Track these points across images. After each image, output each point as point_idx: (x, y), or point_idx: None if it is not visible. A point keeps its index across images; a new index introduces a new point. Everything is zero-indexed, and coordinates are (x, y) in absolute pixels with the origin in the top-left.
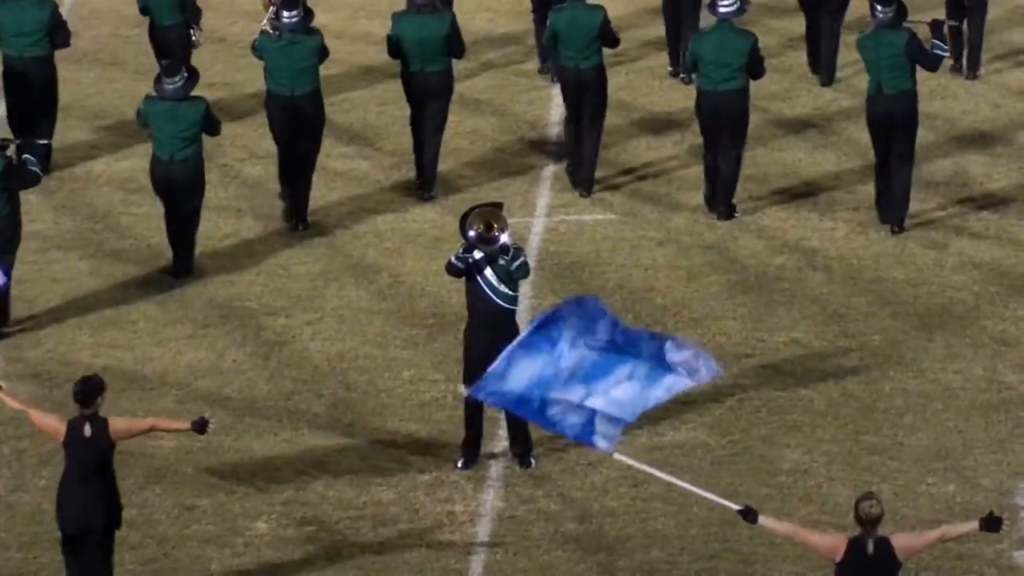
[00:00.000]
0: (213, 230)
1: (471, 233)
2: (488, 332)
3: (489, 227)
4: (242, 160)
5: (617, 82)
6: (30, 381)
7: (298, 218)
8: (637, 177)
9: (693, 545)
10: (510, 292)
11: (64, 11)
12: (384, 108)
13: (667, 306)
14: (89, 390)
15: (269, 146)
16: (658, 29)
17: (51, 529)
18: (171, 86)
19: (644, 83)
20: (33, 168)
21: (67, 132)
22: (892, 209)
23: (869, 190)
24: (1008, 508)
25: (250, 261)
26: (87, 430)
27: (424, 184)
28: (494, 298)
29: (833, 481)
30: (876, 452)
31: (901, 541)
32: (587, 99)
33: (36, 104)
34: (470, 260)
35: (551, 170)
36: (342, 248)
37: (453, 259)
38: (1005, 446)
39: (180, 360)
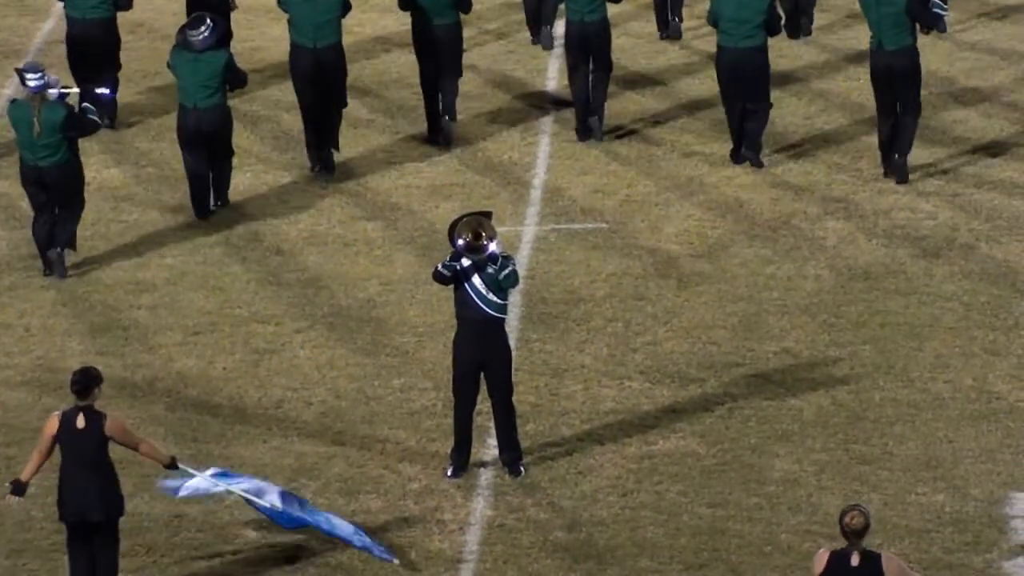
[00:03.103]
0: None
1: (459, 242)
2: (477, 340)
3: (477, 236)
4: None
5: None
6: (20, 388)
7: (324, 167)
8: (627, 184)
9: (682, 554)
10: (499, 300)
11: None
12: (374, 114)
13: (657, 315)
14: (88, 380)
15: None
16: None
17: (40, 536)
18: (194, 38)
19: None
20: (92, 116)
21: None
22: (898, 158)
23: (859, 199)
24: (998, 518)
25: (240, 268)
26: (80, 421)
27: (440, 133)
28: (482, 306)
29: (823, 490)
30: (866, 462)
31: (891, 565)
32: (592, 53)
33: (98, 65)
34: (457, 268)
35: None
36: (332, 255)
37: (440, 267)
38: (995, 456)
39: (170, 367)
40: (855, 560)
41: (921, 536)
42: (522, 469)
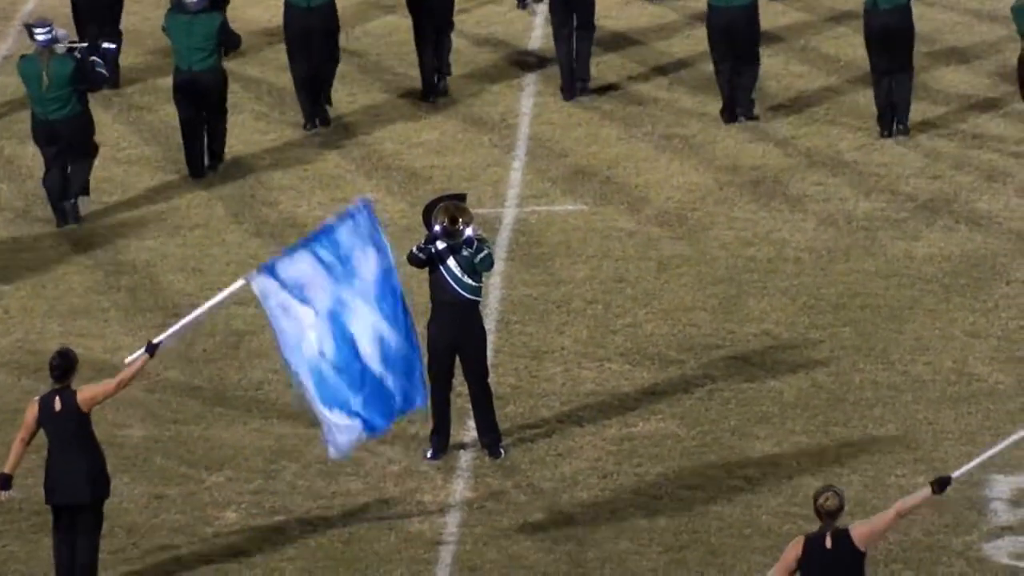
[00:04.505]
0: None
1: (436, 227)
2: (452, 323)
3: (454, 220)
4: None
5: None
6: None
7: (319, 119)
8: (607, 166)
9: (662, 536)
10: (474, 283)
11: None
12: (354, 98)
13: (637, 297)
14: (68, 364)
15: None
16: None
17: (20, 517)
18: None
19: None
20: (100, 69)
21: None
22: (895, 113)
23: (838, 181)
24: (978, 500)
25: (220, 250)
26: (57, 404)
27: (431, 90)
28: (458, 289)
29: (802, 472)
30: (846, 444)
31: (859, 529)
32: (576, 12)
33: (103, 25)
34: (432, 251)
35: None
36: None
37: (415, 250)
38: (975, 438)
39: None
40: (828, 542)
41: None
42: (502, 451)
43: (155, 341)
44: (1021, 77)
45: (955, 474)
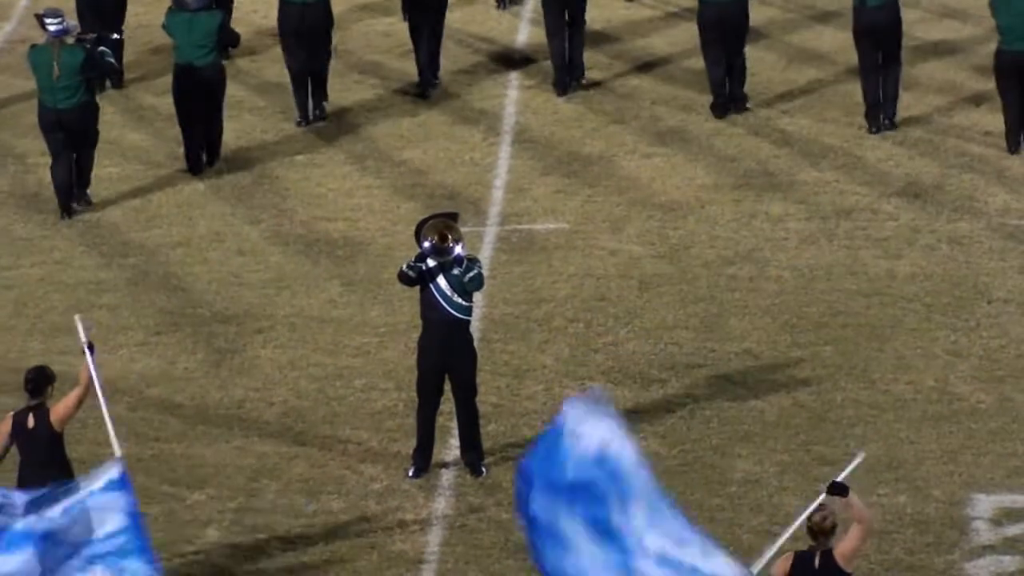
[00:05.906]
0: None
1: (425, 244)
2: (442, 342)
3: (444, 238)
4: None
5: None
6: None
7: (315, 109)
8: (589, 184)
9: None
10: (463, 302)
11: None
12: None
13: (619, 316)
14: (42, 379)
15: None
16: None
17: None
18: None
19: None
20: (109, 59)
21: None
22: (884, 107)
23: (821, 200)
24: (959, 519)
25: (203, 268)
26: (30, 421)
27: (423, 85)
28: (447, 308)
29: (784, 491)
30: (827, 463)
31: (839, 549)
32: (570, 10)
33: (108, 22)
34: (423, 269)
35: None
36: (294, 256)
37: (405, 268)
38: (956, 457)
39: (132, 367)
40: (817, 562)
41: (882, 537)
42: (484, 469)
43: (85, 341)
44: (997, 71)
45: (839, 477)
